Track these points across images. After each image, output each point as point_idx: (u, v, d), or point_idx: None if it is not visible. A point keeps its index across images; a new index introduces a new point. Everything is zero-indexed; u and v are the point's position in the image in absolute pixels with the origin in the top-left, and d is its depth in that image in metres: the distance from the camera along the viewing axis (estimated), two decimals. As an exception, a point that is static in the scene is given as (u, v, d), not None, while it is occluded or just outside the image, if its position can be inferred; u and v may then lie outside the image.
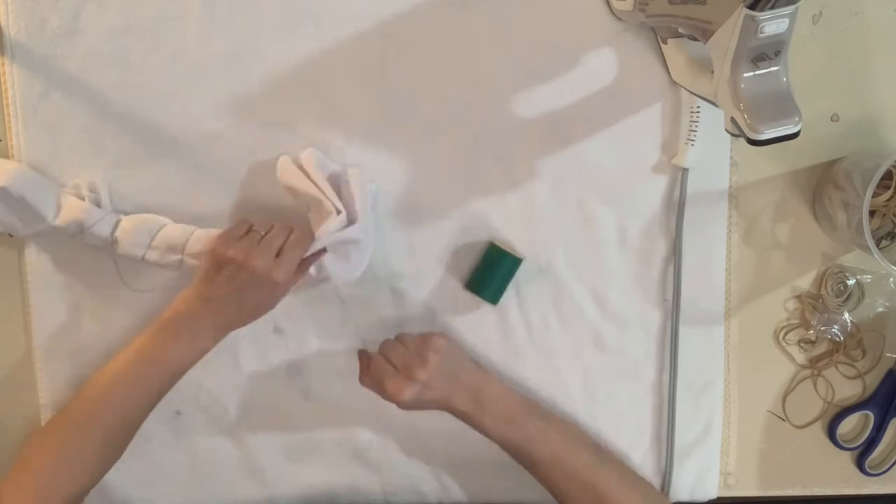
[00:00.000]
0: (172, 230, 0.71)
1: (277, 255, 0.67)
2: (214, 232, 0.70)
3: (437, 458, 0.80)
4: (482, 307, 0.77)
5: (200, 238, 0.70)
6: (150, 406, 0.69)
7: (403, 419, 0.78)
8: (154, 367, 0.67)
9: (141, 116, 0.73)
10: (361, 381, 0.72)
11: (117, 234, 0.70)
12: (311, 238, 0.68)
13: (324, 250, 0.69)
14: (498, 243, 0.75)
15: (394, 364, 0.69)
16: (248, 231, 0.68)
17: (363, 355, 0.74)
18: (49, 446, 0.66)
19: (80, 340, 0.76)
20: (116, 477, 0.77)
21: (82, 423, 0.67)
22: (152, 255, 0.70)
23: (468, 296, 0.76)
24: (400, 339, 0.71)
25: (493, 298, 0.75)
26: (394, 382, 0.68)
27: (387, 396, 0.68)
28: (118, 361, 0.68)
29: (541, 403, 0.74)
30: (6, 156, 0.73)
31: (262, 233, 0.68)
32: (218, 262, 0.66)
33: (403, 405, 0.68)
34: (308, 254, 0.68)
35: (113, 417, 0.67)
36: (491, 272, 0.75)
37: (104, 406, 0.67)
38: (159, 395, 0.68)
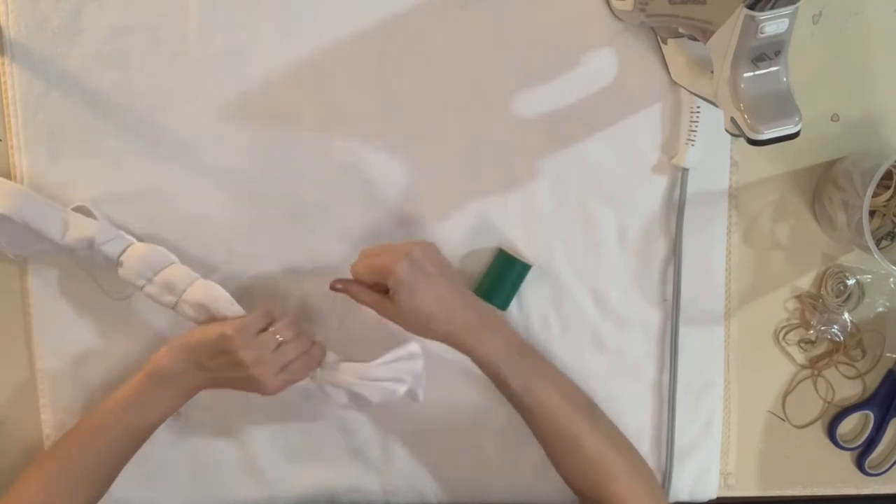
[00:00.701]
0: (176, 271, 0.70)
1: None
2: (216, 288, 0.69)
3: (437, 458, 0.80)
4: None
5: (199, 289, 0.69)
6: (130, 455, 0.70)
7: (403, 419, 0.79)
8: (136, 418, 0.68)
9: (141, 116, 0.73)
10: (355, 297, 0.69)
11: (124, 258, 0.70)
12: (319, 359, 0.69)
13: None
14: (506, 249, 0.75)
15: (384, 250, 0.66)
16: (267, 327, 0.67)
17: (339, 281, 0.70)
18: (38, 481, 0.68)
19: (80, 341, 0.76)
20: (117, 477, 0.77)
21: (65, 473, 0.68)
22: (150, 290, 0.69)
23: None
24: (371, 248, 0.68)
25: (503, 304, 0.75)
26: (393, 261, 0.64)
27: (390, 275, 0.64)
28: (100, 413, 0.69)
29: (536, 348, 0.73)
30: (6, 156, 0.73)
31: (279, 338, 0.66)
32: (223, 350, 0.65)
33: (404, 290, 0.64)
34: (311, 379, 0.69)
35: (93, 467, 0.69)
36: (500, 279, 0.75)
37: (83, 457, 0.68)
38: (141, 440, 0.70)
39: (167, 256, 0.70)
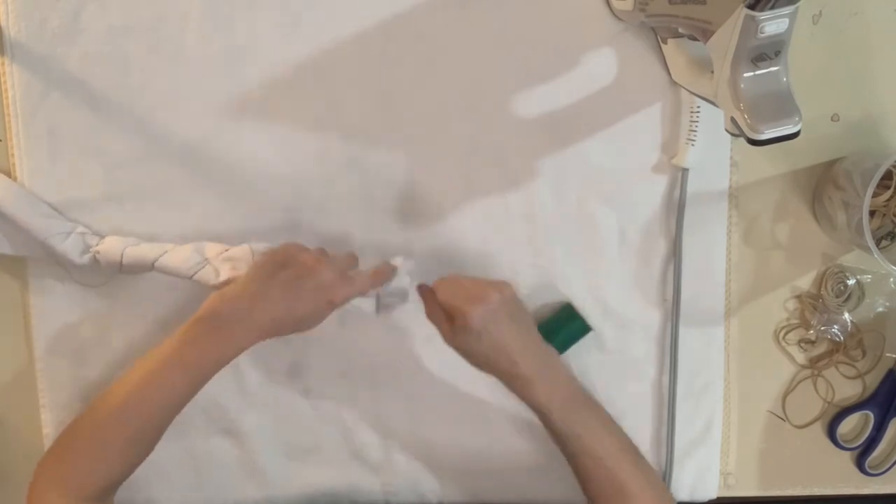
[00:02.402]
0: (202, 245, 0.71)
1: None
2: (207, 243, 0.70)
3: (437, 458, 0.80)
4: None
5: (234, 249, 0.69)
6: (180, 406, 0.66)
7: (403, 420, 0.79)
8: (186, 368, 0.64)
9: (141, 116, 0.73)
10: (426, 311, 0.69)
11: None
12: (389, 275, 0.69)
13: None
14: (574, 306, 0.76)
15: (465, 287, 0.66)
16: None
17: (424, 288, 0.70)
18: (78, 442, 0.65)
19: (80, 340, 0.76)
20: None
21: (108, 424, 0.64)
22: (170, 257, 0.70)
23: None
24: (469, 277, 0.69)
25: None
26: (468, 304, 0.64)
27: (460, 317, 0.64)
28: (148, 360, 0.65)
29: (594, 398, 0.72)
30: (6, 156, 0.73)
31: (330, 255, 0.67)
32: (283, 261, 0.64)
33: (467, 336, 0.64)
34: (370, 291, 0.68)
35: (140, 420, 0.64)
36: (558, 332, 0.75)
37: (131, 408, 0.64)
38: (190, 395, 0.65)
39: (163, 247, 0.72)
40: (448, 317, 0.67)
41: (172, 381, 0.64)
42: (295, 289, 0.64)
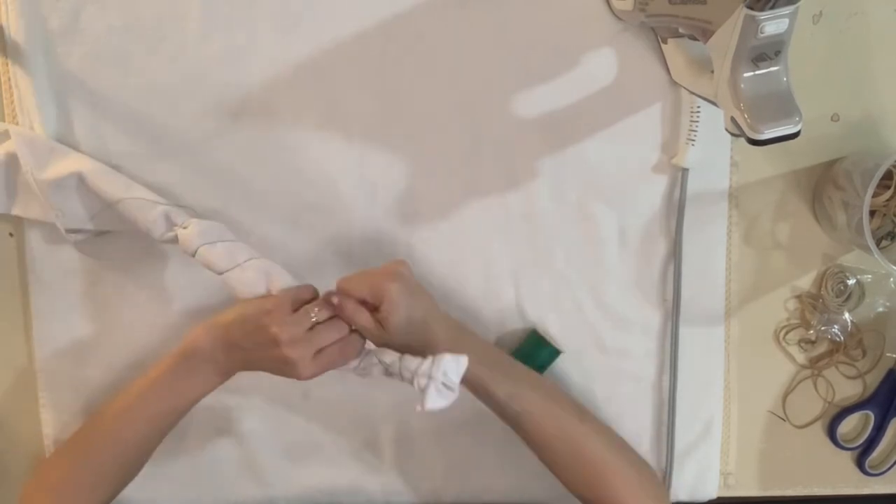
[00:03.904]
0: (239, 246, 0.68)
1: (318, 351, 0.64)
2: (277, 266, 0.68)
3: (437, 457, 0.80)
4: (481, 307, 0.77)
5: (262, 262, 0.67)
6: (162, 436, 0.69)
7: (404, 420, 0.79)
8: (168, 400, 0.67)
9: (141, 116, 0.73)
10: (345, 314, 0.65)
11: (189, 222, 0.68)
12: (357, 349, 0.65)
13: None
14: (540, 331, 0.76)
15: (370, 273, 0.65)
16: (307, 297, 0.66)
17: (332, 295, 0.66)
18: (63, 470, 0.68)
19: (80, 340, 0.76)
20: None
21: (93, 453, 0.68)
22: (209, 251, 0.67)
23: (467, 294, 0.76)
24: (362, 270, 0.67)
25: None
26: (387, 280, 0.63)
27: (384, 295, 0.63)
28: (131, 392, 0.67)
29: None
30: (6, 156, 0.73)
31: (313, 317, 0.64)
32: (259, 327, 0.63)
33: (396, 311, 0.63)
34: (348, 366, 0.66)
35: (125, 448, 0.68)
36: (528, 360, 0.74)
37: (115, 438, 0.67)
38: (170, 426, 0.69)
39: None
40: (370, 309, 0.65)
41: (157, 410, 0.67)
42: (262, 354, 0.64)
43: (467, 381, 0.66)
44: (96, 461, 0.68)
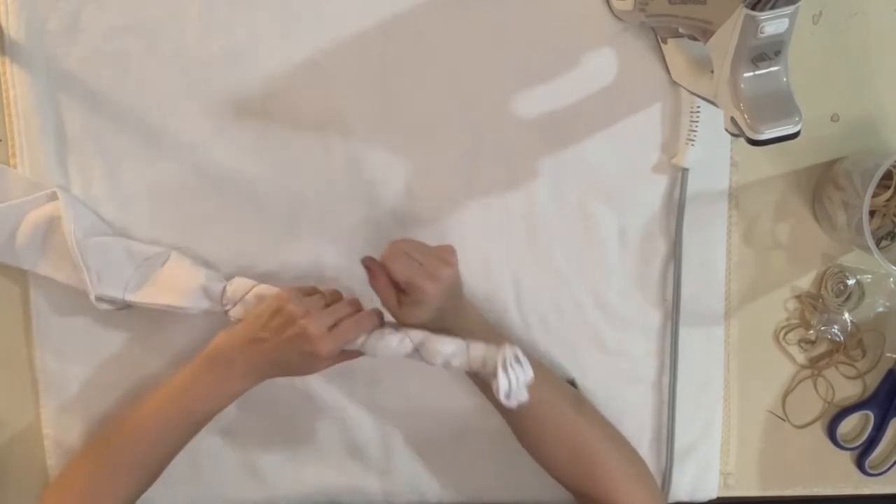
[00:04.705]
0: (241, 284, 0.71)
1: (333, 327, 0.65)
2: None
3: (437, 458, 0.80)
4: (481, 307, 0.77)
5: (262, 288, 0.70)
6: (186, 440, 0.70)
7: (403, 419, 0.79)
8: (193, 404, 0.68)
9: (141, 116, 0.73)
10: (374, 284, 0.67)
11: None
12: (374, 321, 0.66)
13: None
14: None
15: (416, 259, 0.65)
16: (314, 293, 0.67)
17: (370, 261, 0.68)
18: (86, 475, 0.68)
19: (80, 341, 0.76)
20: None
21: (117, 457, 0.68)
22: (234, 312, 0.70)
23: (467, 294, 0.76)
24: (412, 242, 0.67)
25: None
26: (427, 280, 0.63)
27: (418, 292, 0.63)
28: (156, 397, 0.68)
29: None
30: (6, 156, 0.73)
31: (328, 300, 0.66)
32: (276, 310, 0.65)
33: (427, 305, 0.64)
34: (359, 341, 0.66)
35: (148, 452, 0.68)
36: None
37: (138, 442, 0.68)
38: (195, 430, 0.70)
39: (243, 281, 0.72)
40: (398, 289, 0.66)
41: (179, 417, 0.68)
42: (283, 338, 0.65)
43: (472, 375, 0.68)
44: (121, 465, 0.68)
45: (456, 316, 0.68)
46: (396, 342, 0.66)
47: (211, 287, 0.70)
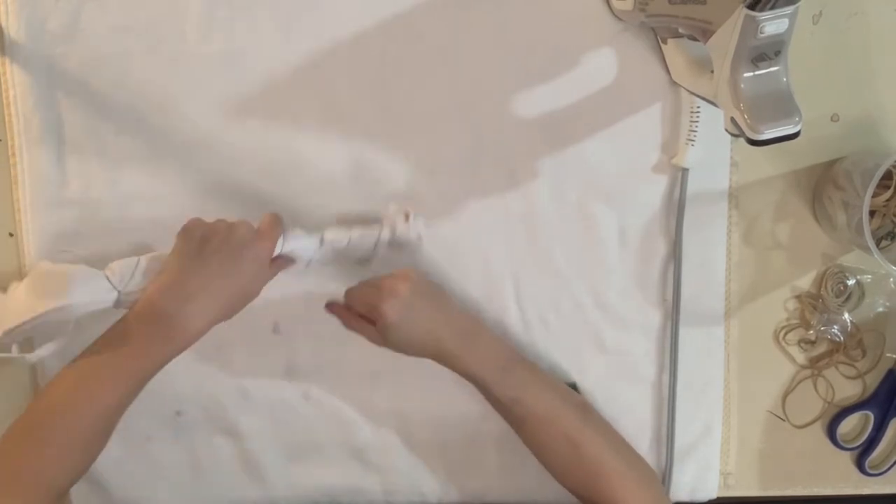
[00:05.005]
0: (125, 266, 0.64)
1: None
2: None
3: (437, 458, 0.80)
4: (481, 307, 0.77)
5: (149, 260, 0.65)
6: (127, 403, 0.62)
7: (403, 419, 0.79)
8: (123, 374, 0.60)
9: (141, 116, 0.73)
10: (347, 325, 0.70)
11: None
12: (279, 218, 0.66)
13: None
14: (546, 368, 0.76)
15: (373, 287, 0.67)
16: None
17: (334, 305, 0.71)
18: (22, 443, 0.60)
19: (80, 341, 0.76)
20: (116, 476, 0.77)
21: (51, 423, 0.60)
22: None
23: (467, 294, 0.76)
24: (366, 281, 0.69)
25: None
26: (381, 301, 0.65)
27: (378, 316, 0.65)
28: (85, 358, 0.61)
29: (527, 357, 0.73)
30: (6, 156, 0.73)
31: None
32: (201, 236, 0.61)
33: (392, 331, 0.65)
34: (279, 243, 0.66)
35: (85, 419, 0.60)
36: None
37: (73, 407, 0.60)
38: (136, 391, 0.62)
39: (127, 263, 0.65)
40: (369, 321, 0.68)
41: (108, 388, 0.60)
42: (226, 257, 0.61)
43: (474, 383, 0.68)
44: (53, 442, 0.59)
45: (461, 337, 0.68)
46: (307, 237, 0.68)
47: (91, 279, 0.64)
